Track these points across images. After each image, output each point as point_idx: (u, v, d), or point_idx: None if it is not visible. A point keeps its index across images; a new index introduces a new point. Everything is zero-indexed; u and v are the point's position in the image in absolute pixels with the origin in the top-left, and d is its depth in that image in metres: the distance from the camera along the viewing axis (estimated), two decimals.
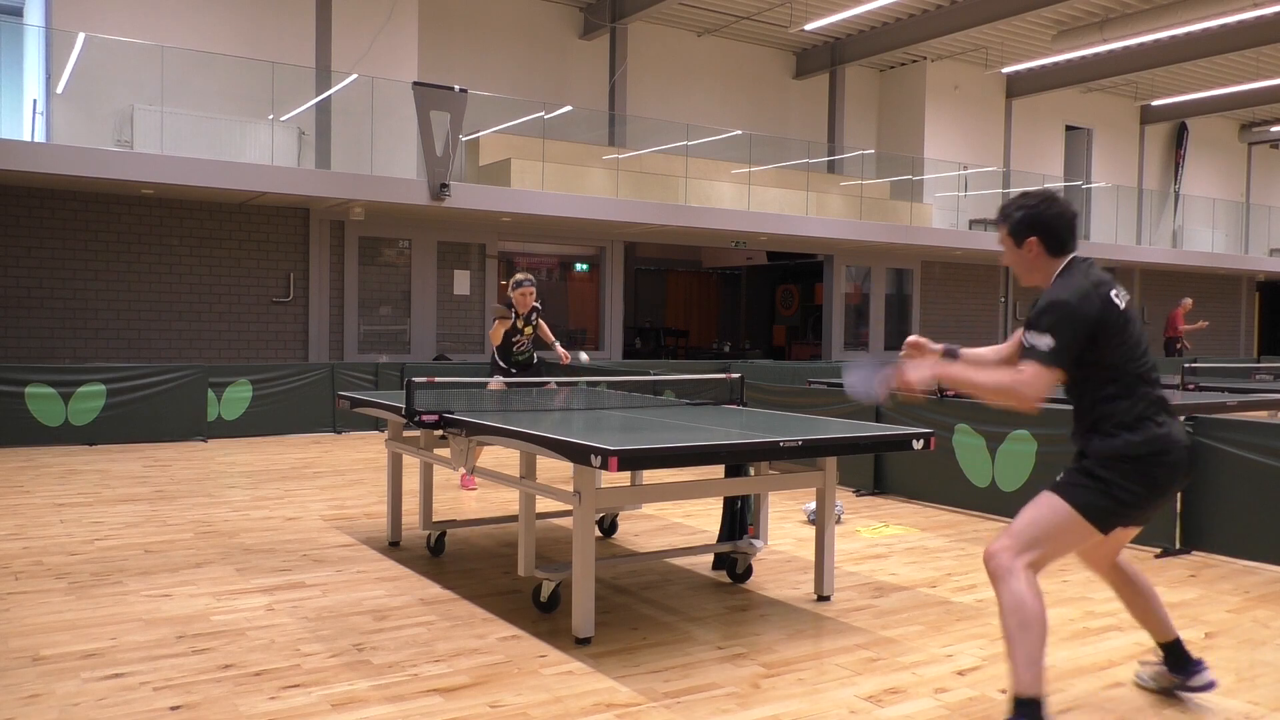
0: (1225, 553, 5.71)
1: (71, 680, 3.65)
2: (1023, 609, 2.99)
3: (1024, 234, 3.25)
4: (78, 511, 6.77)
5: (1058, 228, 3.22)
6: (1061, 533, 3.09)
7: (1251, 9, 14.86)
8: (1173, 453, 3.12)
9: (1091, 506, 3.07)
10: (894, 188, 18.86)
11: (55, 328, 12.13)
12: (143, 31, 12.39)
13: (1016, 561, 3.05)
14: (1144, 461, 3.08)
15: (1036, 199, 3.28)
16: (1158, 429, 3.11)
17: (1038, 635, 2.98)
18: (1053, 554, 3.13)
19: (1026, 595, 3.00)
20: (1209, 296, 24.50)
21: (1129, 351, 3.13)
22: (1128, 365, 3.13)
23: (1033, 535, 3.08)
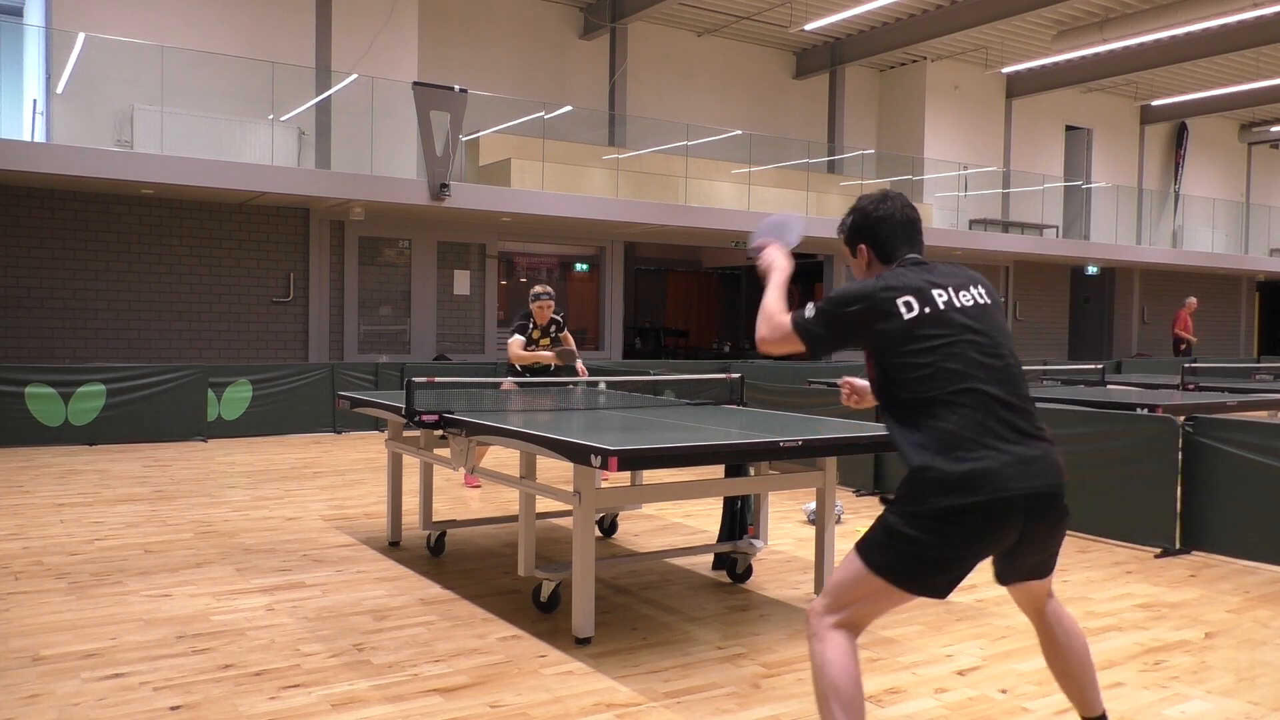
0: (1225, 553, 5.71)
1: (71, 680, 3.65)
2: (823, 675, 2.58)
3: (855, 240, 2.93)
4: (78, 511, 6.77)
5: (885, 230, 2.86)
6: (865, 594, 2.62)
7: (1251, 9, 14.86)
8: (977, 492, 2.49)
9: (886, 568, 2.58)
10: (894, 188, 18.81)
11: (55, 328, 12.13)
12: (143, 31, 12.39)
13: (823, 622, 2.64)
14: (936, 511, 2.51)
15: (867, 200, 2.93)
16: (960, 467, 2.50)
17: (841, 706, 2.54)
18: (865, 616, 2.66)
19: (831, 659, 2.58)
20: (1209, 296, 24.50)
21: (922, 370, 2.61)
22: (923, 386, 2.59)
23: (839, 596, 2.64)
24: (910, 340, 2.63)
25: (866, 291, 2.70)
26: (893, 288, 2.68)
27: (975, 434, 2.54)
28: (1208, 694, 3.65)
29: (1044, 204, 20.76)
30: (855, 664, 2.61)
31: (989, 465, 2.51)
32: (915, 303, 2.65)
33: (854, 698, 2.56)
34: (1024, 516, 2.56)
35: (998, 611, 4.67)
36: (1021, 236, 19.55)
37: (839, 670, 2.58)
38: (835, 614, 2.64)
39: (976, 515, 2.51)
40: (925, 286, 2.68)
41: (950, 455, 2.52)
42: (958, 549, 2.56)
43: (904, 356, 2.64)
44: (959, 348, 2.62)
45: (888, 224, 2.87)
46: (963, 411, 2.56)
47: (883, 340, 2.66)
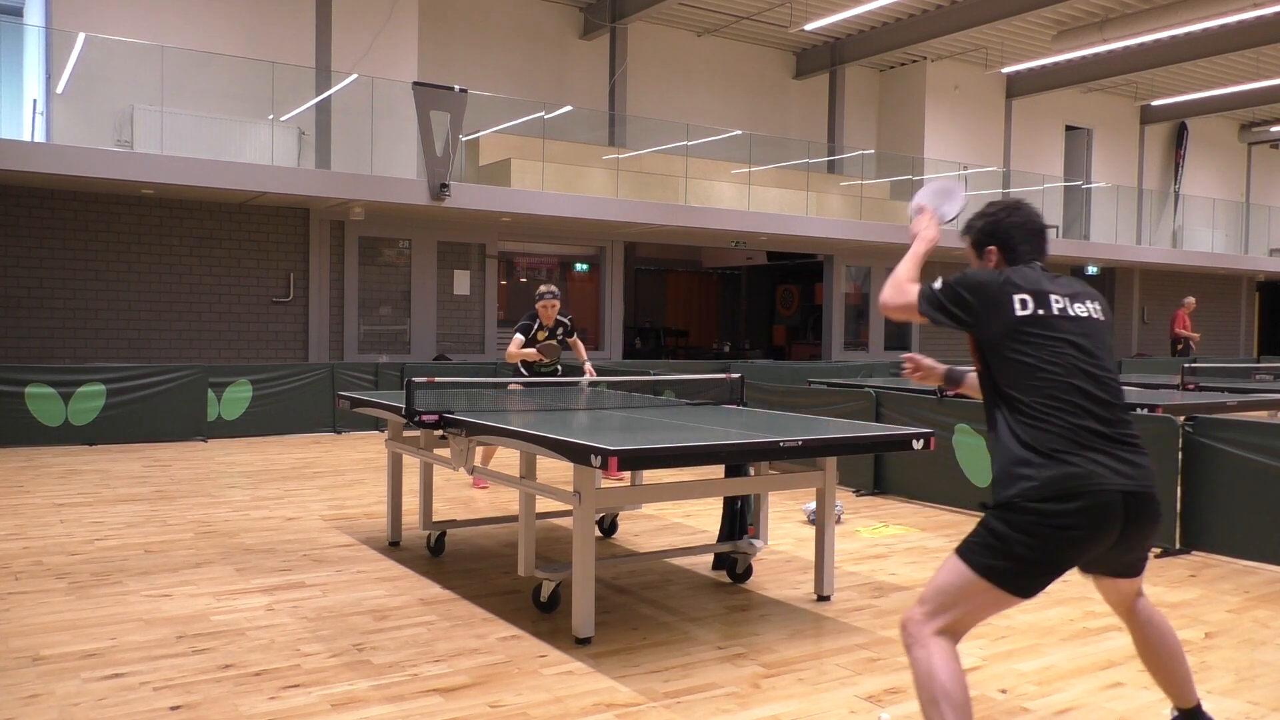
0: (1225, 553, 5.71)
1: (71, 680, 3.65)
2: (931, 682, 2.60)
3: (984, 243, 3.07)
4: (78, 511, 6.77)
5: (1018, 235, 3.00)
6: (968, 598, 2.65)
7: (1251, 9, 14.86)
8: (1079, 497, 2.57)
9: (993, 570, 2.61)
10: (894, 188, 18.86)
11: (55, 328, 12.13)
12: (143, 31, 12.39)
13: (924, 629, 2.66)
14: (1038, 512, 2.58)
15: (999, 207, 3.08)
16: (1065, 468, 2.59)
17: (951, 710, 2.57)
18: (967, 620, 2.70)
19: (936, 666, 2.61)
20: (1209, 296, 24.49)
21: (1031, 371, 2.70)
22: (1029, 387, 2.69)
23: (939, 602, 2.67)
24: (1016, 337, 2.74)
25: (990, 280, 2.84)
26: (1014, 284, 2.81)
27: (1074, 436, 2.64)
28: (1208, 694, 3.65)
29: (1044, 204, 20.73)
30: (961, 668, 2.65)
31: (1091, 468, 2.61)
32: (1030, 302, 2.78)
33: (964, 702, 2.60)
34: (1123, 518, 2.63)
35: None
36: None
37: (948, 676, 2.60)
38: (936, 619, 2.67)
39: (1081, 517, 2.58)
40: (1045, 290, 2.81)
41: (1052, 456, 2.62)
42: (1062, 550, 2.62)
43: (1008, 351, 2.75)
44: (1064, 352, 2.72)
45: (1020, 231, 3.02)
46: (1063, 414, 2.66)
47: (991, 330, 2.78)
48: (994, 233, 3.04)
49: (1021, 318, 2.75)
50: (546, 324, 7.72)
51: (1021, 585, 2.64)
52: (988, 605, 2.69)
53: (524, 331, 7.67)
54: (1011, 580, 2.62)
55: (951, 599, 2.67)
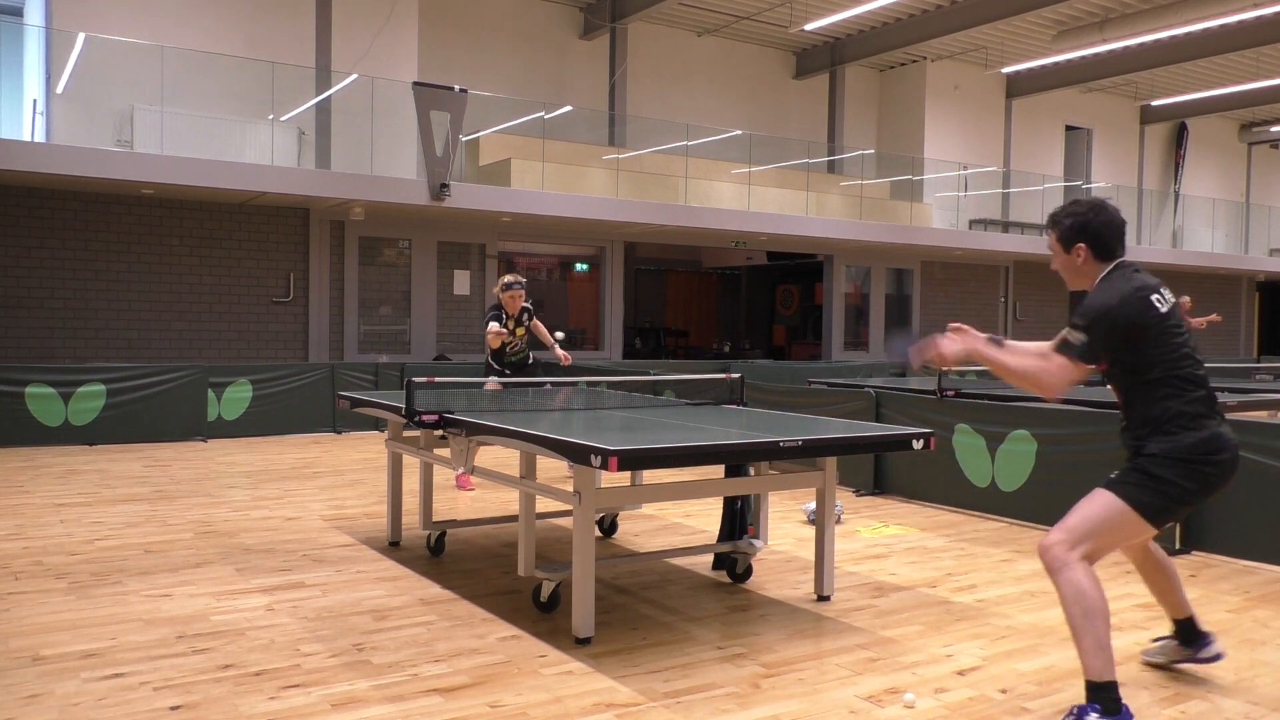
0: (1225, 553, 5.71)
1: (71, 680, 3.65)
2: (1084, 598, 3.12)
3: (1073, 240, 3.40)
4: (78, 511, 6.77)
5: (1106, 235, 3.38)
6: (1116, 528, 3.22)
7: (1251, 9, 14.86)
8: (1225, 451, 3.23)
9: (1148, 505, 3.19)
10: (894, 188, 18.86)
11: (55, 328, 12.13)
12: (143, 31, 12.39)
13: (1071, 554, 3.17)
14: (1199, 461, 3.19)
15: (1085, 207, 3.43)
16: (1211, 429, 3.21)
17: (1102, 622, 3.12)
18: (1106, 547, 3.26)
19: (1086, 584, 3.13)
20: (1209, 296, 24.47)
21: (1173, 353, 3.23)
22: (1174, 367, 3.23)
23: (1086, 530, 3.20)
24: (1163, 330, 3.23)
25: (1124, 299, 3.22)
26: (1143, 286, 3.25)
27: (1211, 404, 3.25)
28: (1208, 694, 3.66)
29: (1044, 204, 20.74)
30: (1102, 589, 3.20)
31: (1222, 429, 3.25)
32: (1161, 300, 3.26)
33: (1108, 619, 3.15)
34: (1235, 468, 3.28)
35: (997, 612, 4.68)
36: (1021, 236, 19.54)
37: (1098, 593, 3.14)
38: (1081, 545, 3.19)
39: (1224, 467, 3.22)
40: (1154, 286, 3.28)
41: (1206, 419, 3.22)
42: (1201, 494, 3.24)
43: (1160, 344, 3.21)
44: (1185, 336, 3.28)
45: (1112, 228, 3.40)
46: (1199, 388, 3.24)
47: (1145, 335, 3.21)
48: (1083, 231, 3.39)
49: (1164, 315, 3.24)
50: (511, 313, 7.88)
51: (1164, 519, 3.25)
52: (1126, 537, 3.30)
53: (497, 320, 7.78)
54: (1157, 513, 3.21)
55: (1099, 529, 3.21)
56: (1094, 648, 3.13)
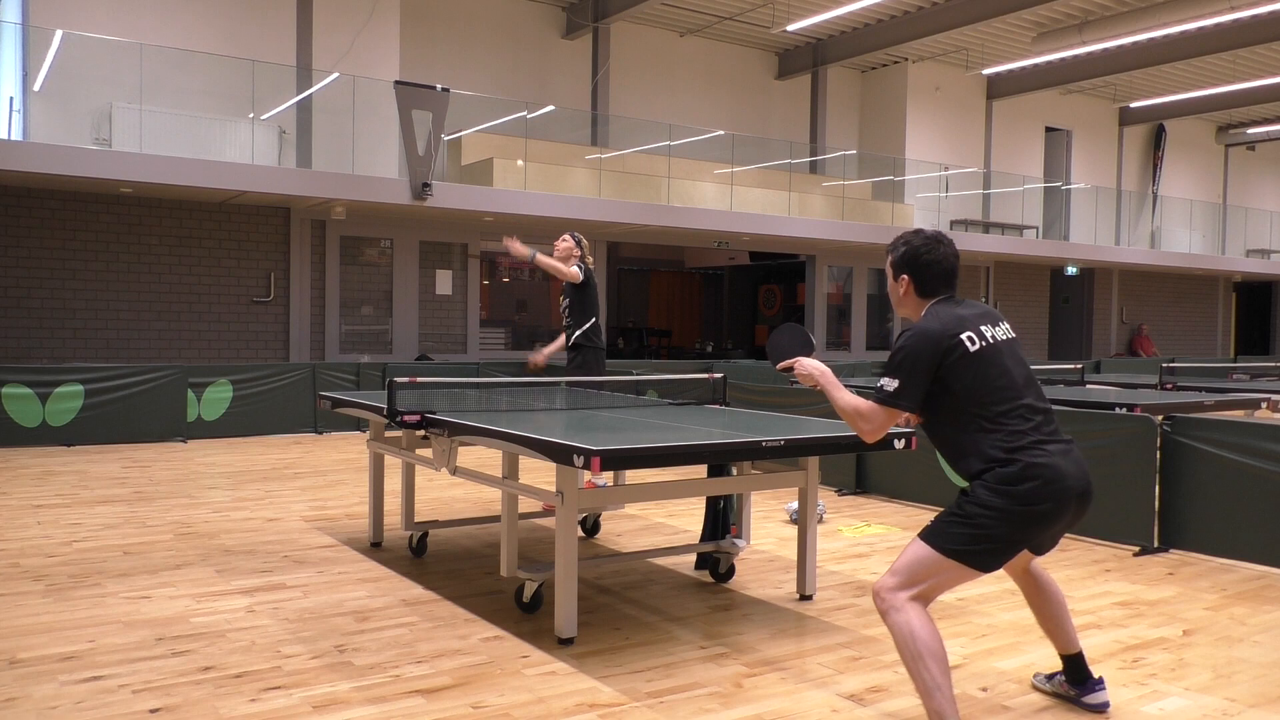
0: (1203, 551, 5.76)
1: (49, 683, 3.62)
2: (913, 641, 3.00)
3: (899, 270, 3.35)
4: (55, 513, 6.71)
5: (930, 274, 3.29)
6: (939, 574, 3.09)
7: (1229, 12, 14.99)
8: (1047, 490, 3.02)
9: (964, 552, 3.05)
10: (875, 188, 18.93)
11: (32, 328, 12.02)
12: (121, 29, 12.28)
13: (898, 596, 3.06)
14: (1015, 498, 3.01)
15: (920, 239, 3.33)
16: (1031, 462, 3.03)
17: (934, 663, 2.98)
18: (938, 590, 3.13)
19: (915, 626, 3.01)
20: (1186, 297, 24.72)
21: (986, 388, 3.10)
22: (988, 403, 3.09)
23: (915, 574, 3.08)
24: (973, 365, 3.12)
25: (929, 340, 3.13)
26: (954, 327, 3.14)
27: (1036, 440, 3.07)
28: (1186, 690, 3.69)
29: (1024, 205, 20.89)
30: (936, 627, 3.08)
31: (1052, 462, 3.05)
32: (975, 337, 3.15)
33: (940, 659, 3.01)
34: (1076, 503, 3.11)
35: (979, 610, 4.70)
36: (1002, 237, 19.66)
37: (927, 634, 3.02)
38: (910, 589, 3.08)
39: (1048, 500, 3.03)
40: (974, 323, 3.18)
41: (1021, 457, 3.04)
42: (1031, 532, 3.08)
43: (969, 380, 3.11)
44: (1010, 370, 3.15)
45: (939, 266, 3.31)
46: (1021, 421, 3.09)
47: (951, 372, 3.11)
48: (910, 263, 3.33)
49: (974, 353, 3.13)
50: None
51: (987, 561, 3.08)
52: (953, 580, 3.13)
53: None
54: (979, 559, 3.07)
55: (924, 574, 3.08)
56: (928, 690, 2.98)
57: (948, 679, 3.00)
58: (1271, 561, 5.44)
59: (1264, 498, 5.46)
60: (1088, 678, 3.48)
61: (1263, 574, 5.39)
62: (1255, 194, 26.63)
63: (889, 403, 3.16)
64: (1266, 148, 26.76)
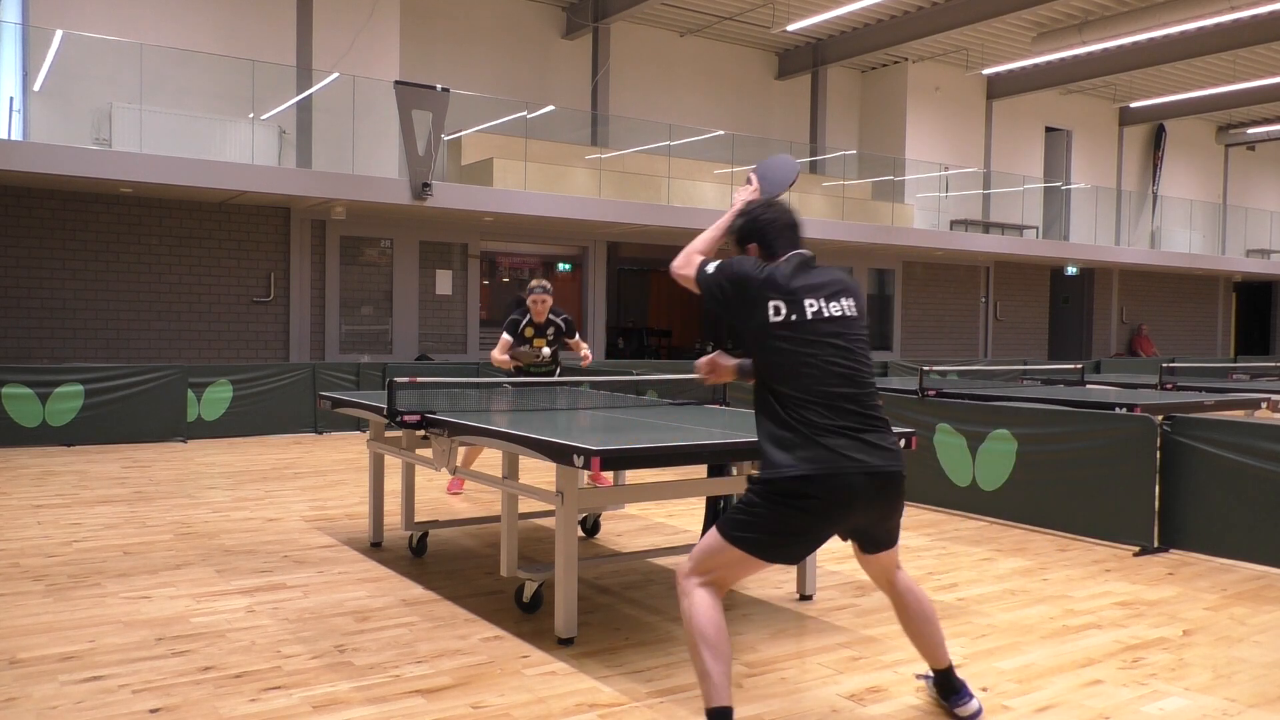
0: (1203, 550, 5.76)
1: (49, 683, 3.62)
2: (691, 625, 3.01)
3: (744, 242, 3.33)
4: (55, 513, 6.71)
5: (771, 231, 3.27)
6: (727, 561, 3.04)
7: (1229, 12, 15.00)
8: (823, 484, 2.93)
9: (742, 539, 3.00)
10: (875, 188, 18.93)
11: (32, 327, 12.02)
12: (121, 29, 12.29)
13: (690, 581, 3.06)
14: (788, 493, 2.94)
15: (756, 207, 3.36)
16: (807, 455, 2.94)
17: (708, 650, 2.97)
18: (731, 578, 3.12)
19: (697, 612, 3.00)
20: (1186, 297, 24.71)
21: (781, 364, 3.02)
22: (780, 381, 3.02)
23: (703, 561, 3.07)
24: (773, 338, 3.04)
25: (750, 277, 3.10)
26: (773, 287, 3.07)
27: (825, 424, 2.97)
28: (1186, 690, 3.69)
29: (1024, 205, 20.89)
30: (720, 614, 3.03)
31: (834, 449, 2.94)
32: (784, 308, 3.06)
33: (718, 647, 2.98)
34: (868, 493, 2.99)
35: (978, 610, 4.70)
36: (1002, 237, 19.66)
37: (708, 620, 2.99)
38: (702, 575, 3.06)
39: (823, 491, 2.93)
40: (800, 294, 3.08)
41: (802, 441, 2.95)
42: (809, 522, 2.99)
43: (766, 352, 3.05)
44: (820, 351, 3.03)
45: (776, 225, 3.28)
46: (813, 406, 2.98)
47: (747, 326, 3.08)
48: (750, 230, 3.31)
49: (775, 323, 3.05)
50: (536, 320, 7.36)
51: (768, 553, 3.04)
52: (741, 569, 3.11)
53: (511, 329, 7.27)
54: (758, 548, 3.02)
55: (714, 562, 3.06)
56: (702, 674, 2.99)
57: (720, 664, 2.97)
58: (1271, 561, 5.44)
59: (1264, 498, 5.46)
60: (956, 690, 3.39)
61: (1263, 574, 5.39)
62: (1255, 194, 26.63)
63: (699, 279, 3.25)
64: (1266, 148, 26.76)
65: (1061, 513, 6.31)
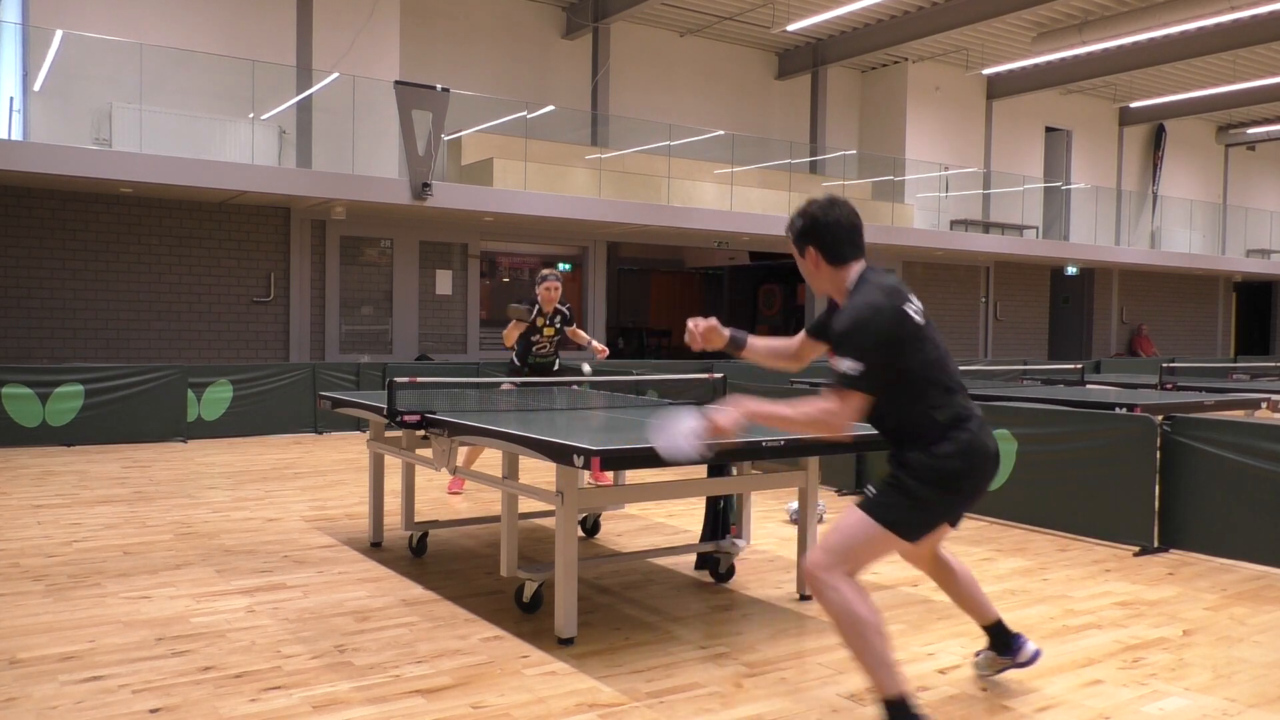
0: (1203, 551, 5.76)
1: (49, 683, 3.62)
2: (851, 615, 3.00)
3: (804, 243, 3.19)
4: (55, 513, 6.71)
5: (834, 235, 3.14)
6: (874, 547, 3.11)
7: (1229, 12, 15.00)
8: (978, 462, 3.11)
9: (900, 523, 3.08)
10: (875, 188, 18.93)
11: (32, 327, 12.02)
12: (121, 29, 12.29)
13: (833, 574, 3.05)
14: (953, 473, 3.07)
15: (816, 205, 3.18)
16: (965, 438, 3.08)
17: (875, 636, 2.99)
18: (867, 563, 3.15)
19: (852, 601, 3.01)
20: (1186, 297, 24.72)
21: (930, 363, 3.08)
22: (930, 377, 3.08)
23: (844, 549, 3.08)
24: (920, 340, 3.08)
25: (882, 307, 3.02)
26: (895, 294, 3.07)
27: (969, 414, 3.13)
28: (1186, 691, 3.69)
29: (1024, 205, 20.89)
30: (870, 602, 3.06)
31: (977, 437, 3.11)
32: (915, 310, 3.11)
33: (881, 632, 3.01)
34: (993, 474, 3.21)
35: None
36: (1002, 237, 19.66)
37: (865, 608, 3.01)
38: (842, 564, 3.08)
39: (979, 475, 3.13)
40: (904, 292, 3.13)
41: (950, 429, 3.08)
42: (961, 502, 3.17)
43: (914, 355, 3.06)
44: (939, 343, 3.16)
45: (839, 228, 3.17)
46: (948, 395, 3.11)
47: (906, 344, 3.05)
48: (810, 233, 3.19)
49: (917, 324, 3.09)
50: (546, 309, 7.38)
51: (919, 534, 3.14)
52: (883, 553, 3.17)
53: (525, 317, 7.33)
54: (912, 530, 3.11)
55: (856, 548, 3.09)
56: (874, 665, 2.98)
57: (889, 650, 3.00)
58: (1271, 561, 5.44)
59: (1264, 498, 5.45)
60: (1011, 639, 3.57)
61: (1263, 574, 5.39)
62: (1255, 194, 26.63)
63: (859, 387, 2.96)
64: (1266, 148, 26.76)
65: (1061, 513, 6.31)
